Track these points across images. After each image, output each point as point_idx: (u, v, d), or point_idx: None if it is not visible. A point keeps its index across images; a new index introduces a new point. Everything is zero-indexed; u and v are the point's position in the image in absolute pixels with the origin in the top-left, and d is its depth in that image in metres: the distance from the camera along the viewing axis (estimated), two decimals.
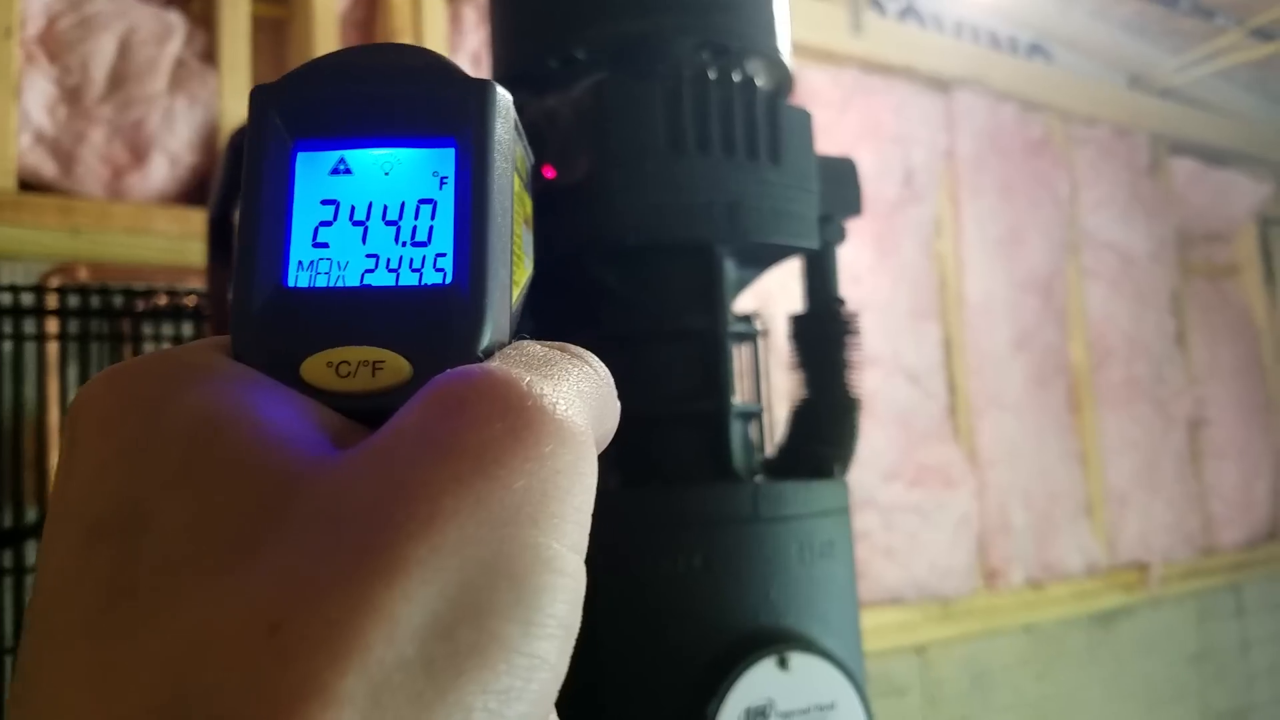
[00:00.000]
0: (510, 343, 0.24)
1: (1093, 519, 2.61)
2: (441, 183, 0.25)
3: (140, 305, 0.91)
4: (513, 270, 0.25)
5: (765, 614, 0.45)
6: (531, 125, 0.50)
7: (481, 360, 0.23)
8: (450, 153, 0.25)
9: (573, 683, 0.42)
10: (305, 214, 0.25)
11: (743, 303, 1.50)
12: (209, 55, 1.60)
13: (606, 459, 0.53)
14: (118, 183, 1.50)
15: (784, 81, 0.60)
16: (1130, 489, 2.72)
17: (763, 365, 0.89)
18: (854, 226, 2.24)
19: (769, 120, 0.51)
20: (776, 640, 0.43)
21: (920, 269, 2.38)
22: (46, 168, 1.45)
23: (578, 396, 0.22)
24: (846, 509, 0.52)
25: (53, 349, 0.97)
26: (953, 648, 2.28)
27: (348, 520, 0.18)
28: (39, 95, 1.46)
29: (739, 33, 0.56)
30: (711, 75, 0.51)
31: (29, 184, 1.44)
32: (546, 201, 0.50)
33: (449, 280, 0.24)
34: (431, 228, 0.24)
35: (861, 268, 2.26)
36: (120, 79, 1.52)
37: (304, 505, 0.18)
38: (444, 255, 0.24)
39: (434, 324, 0.23)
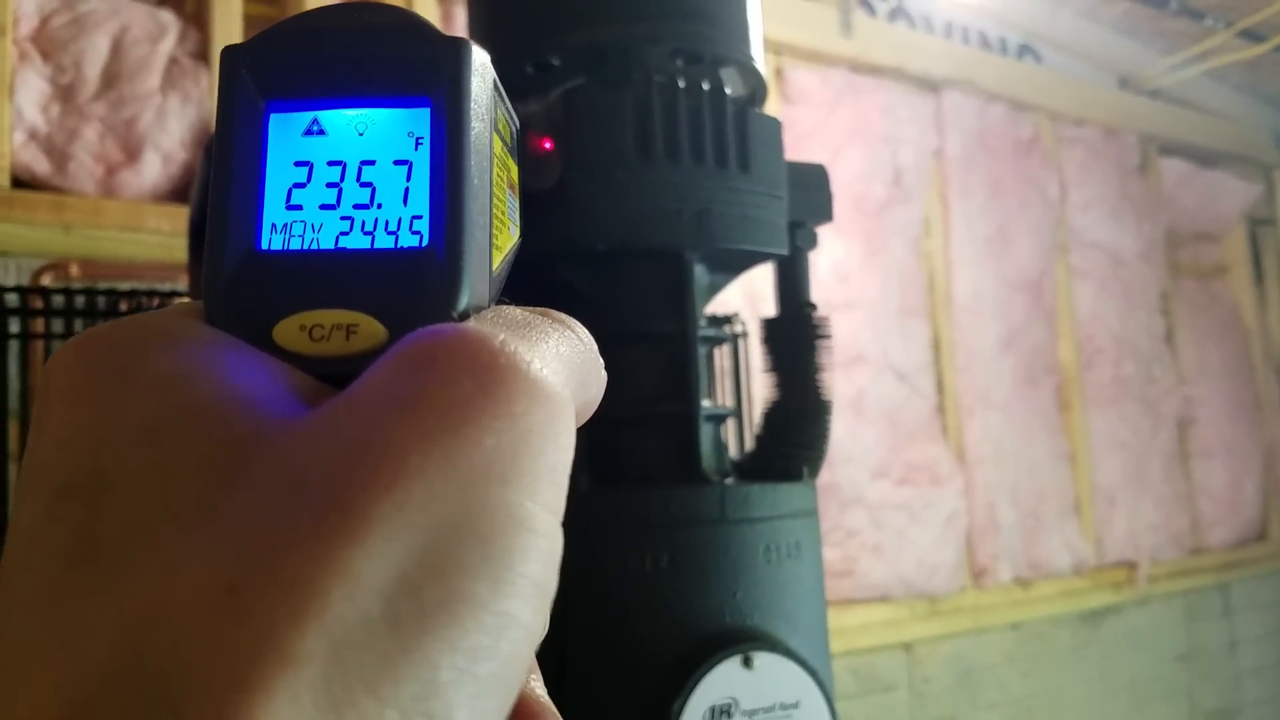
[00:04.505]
0: (490, 307, 0.24)
1: (1081, 518, 2.63)
2: (417, 143, 0.24)
3: (124, 305, 0.92)
4: (494, 234, 0.25)
5: (731, 614, 0.46)
6: None
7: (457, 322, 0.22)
8: (425, 113, 0.24)
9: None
10: (278, 176, 0.24)
11: (730, 302, 1.51)
12: (202, 54, 1.60)
13: (578, 459, 0.54)
14: (110, 180, 1.51)
15: (757, 88, 0.61)
16: (1118, 488, 2.73)
17: (744, 366, 0.90)
18: (843, 226, 2.25)
19: (738, 128, 0.52)
20: (742, 640, 0.44)
21: (909, 268, 2.39)
22: (40, 165, 1.46)
23: (555, 358, 0.21)
24: (814, 511, 0.53)
25: (38, 347, 0.98)
26: (940, 645, 2.30)
27: (310, 479, 0.18)
28: (32, 93, 1.46)
29: (712, 40, 0.56)
30: (681, 84, 0.52)
31: (22, 181, 1.45)
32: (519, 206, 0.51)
33: (425, 243, 0.23)
34: (407, 189, 0.24)
35: (850, 267, 2.27)
36: (113, 77, 1.52)
37: (267, 465, 0.18)
38: (420, 217, 0.24)
39: (409, 287, 0.23)
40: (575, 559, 0.44)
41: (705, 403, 0.53)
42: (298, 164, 0.25)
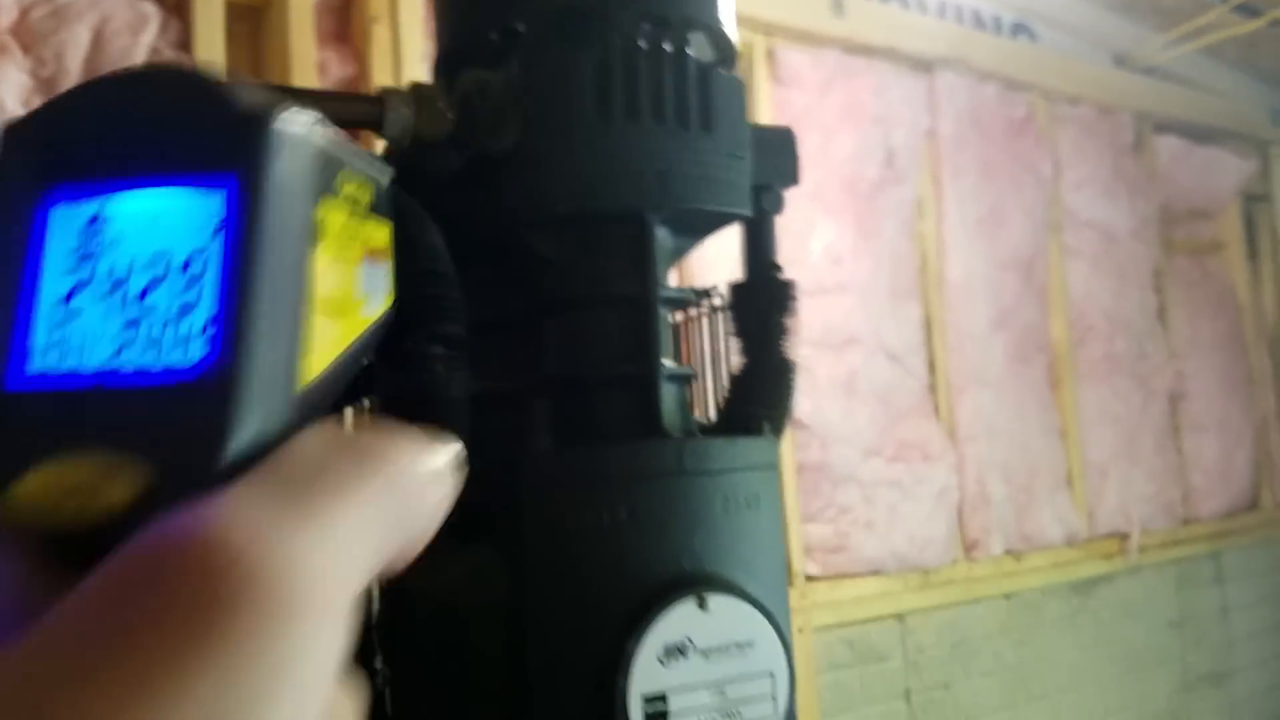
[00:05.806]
0: (295, 437, 0.20)
1: (1072, 491, 2.64)
2: (214, 234, 0.20)
3: None
4: (316, 335, 0.21)
5: (688, 560, 0.47)
6: (463, 97, 0.51)
7: (231, 468, 0.19)
8: (221, 197, 0.20)
9: (500, 633, 0.44)
10: (50, 285, 0.21)
11: (715, 272, 1.50)
12: (184, 44, 1.61)
13: (540, 422, 0.54)
14: None
15: (727, 53, 0.62)
16: (1110, 461, 2.74)
17: (723, 338, 0.91)
18: (835, 208, 2.24)
19: (699, 88, 0.52)
20: (698, 584, 0.45)
21: (902, 249, 2.39)
22: None
23: (339, 526, 0.18)
24: (774, 465, 0.54)
25: None
26: (933, 615, 2.31)
27: None
28: (13, 87, 1.47)
29: (679, 4, 0.57)
30: (642, 45, 0.52)
31: None
32: (477, 170, 0.51)
33: (203, 362, 0.19)
34: (200, 291, 0.20)
35: (843, 248, 2.28)
36: (95, 69, 1.53)
37: None
38: (206, 329, 0.20)
39: (181, 419, 0.19)
40: (534, 519, 0.45)
41: (668, 363, 0.53)
42: (71, 270, 0.21)
